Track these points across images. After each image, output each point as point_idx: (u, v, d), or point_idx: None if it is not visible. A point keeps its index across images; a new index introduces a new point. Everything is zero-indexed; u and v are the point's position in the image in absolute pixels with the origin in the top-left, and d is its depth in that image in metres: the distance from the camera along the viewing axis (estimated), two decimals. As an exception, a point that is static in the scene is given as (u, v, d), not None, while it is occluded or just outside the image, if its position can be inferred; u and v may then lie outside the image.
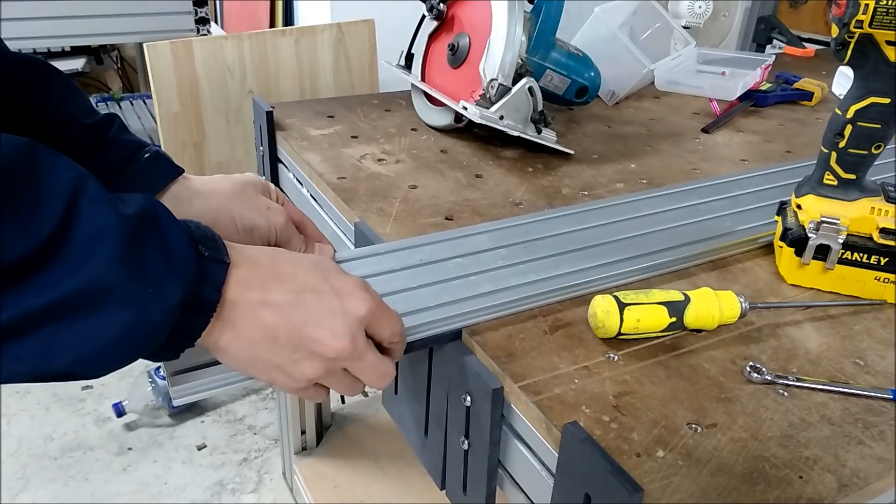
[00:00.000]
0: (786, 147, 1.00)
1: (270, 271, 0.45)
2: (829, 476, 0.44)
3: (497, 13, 0.87)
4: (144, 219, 0.39)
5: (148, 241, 0.39)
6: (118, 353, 0.39)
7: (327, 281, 0.46)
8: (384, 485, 1.31)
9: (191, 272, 0.40)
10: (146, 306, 0.38)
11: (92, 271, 0.36)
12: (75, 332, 0.37)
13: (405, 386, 0.66)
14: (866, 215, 0.62)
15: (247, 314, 0.43)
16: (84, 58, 2.33)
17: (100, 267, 0.36)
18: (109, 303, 0.37)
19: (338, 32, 1.47)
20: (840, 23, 0.57)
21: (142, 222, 0.39)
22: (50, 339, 0.36)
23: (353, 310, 0.45)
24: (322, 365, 0.45)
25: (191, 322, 0.41)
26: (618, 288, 0.62)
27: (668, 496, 0.42)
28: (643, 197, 0.78)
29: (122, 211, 0.38)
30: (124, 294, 0.37)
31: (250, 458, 1.54)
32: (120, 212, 0.38)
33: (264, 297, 0.44)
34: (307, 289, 0.45)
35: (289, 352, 0.44)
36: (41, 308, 0.35)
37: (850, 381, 0.53)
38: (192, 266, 0.40)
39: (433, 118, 0.99)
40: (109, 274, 0.37)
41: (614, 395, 0.49)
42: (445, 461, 0.60)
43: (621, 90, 1.14)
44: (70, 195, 0.37)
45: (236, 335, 0.43)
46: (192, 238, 0.42)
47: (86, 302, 0.36)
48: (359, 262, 0.63)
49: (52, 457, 1.51)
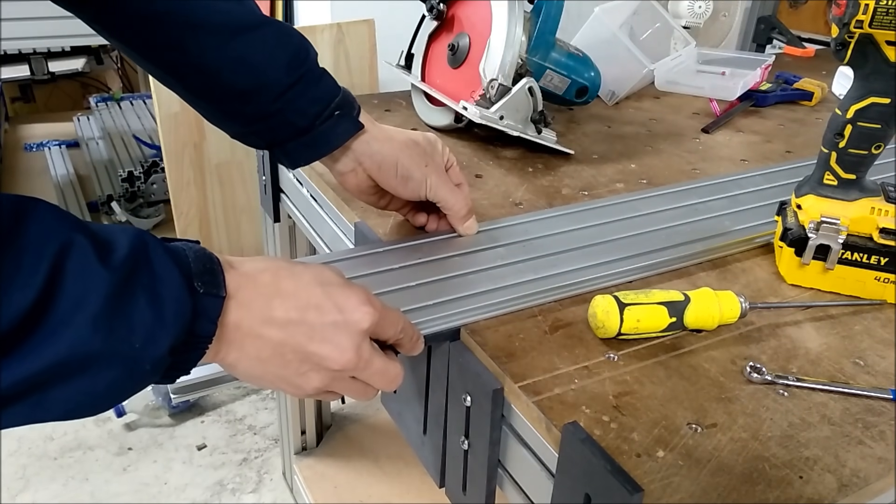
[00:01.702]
0: (786, 147, 1.00)
1: (272, 289, 0.45)
2: (829, 476, 0.44)
3: (497, 13, 0.87)
4: (134, 265, 0.38)
5: (137, 290, 0.38)
6: (109, 402, 0.39)
7: (329, 297, 0.46)
8: (384, 485, 1.31)
9: (183, 314, 0.40)
10: (134, 361, 0.38)
11: (75, 338, 0.35)
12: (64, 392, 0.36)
13: (404, 385, 0.66)
14: (866, 215, 0.62)
15: (252, 335, 0.44)
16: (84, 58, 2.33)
17: (84, 333, 0.36)
18: (96, 366, 0.37)
19: (338, 32, 1.47)
20: (840, 23, 0.57)
21: (131, 269, 0.38)
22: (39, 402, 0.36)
23: (357, 322, 0.46)
24: (329, 375, 0.46)
25: (185, 357, 0.41)
26: (617, 287, 0.61)
27: (668, 496, 0.42)
28: (643, 196, 0.78)
29: (110, 262, 0.37)
30: (110, 356, 0.37)
31: (250, 458, 1.54)
32: (107, 265, 0.37)
33: (268, 315, 0.44)
34: (310, 306, 0.45)
35: (296, 365, 0.45)
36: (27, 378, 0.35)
37: (850, 381, 0.53)
38: (184, 307, 0.40)
39: (433, 118, 0.99)
40: (95, 339, 0.36)
41: (614, 396, 0.49)
42: (445, 460, 0.60)
43: (621, 90, 1.14)
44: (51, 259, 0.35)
45: (243, 354, 0.44)
46: (186, 275, 0.41)
47: (72, 368, 0.36)
48: (358, 260, 0.63)
49: (52, 457, 1.51)
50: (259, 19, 0.60)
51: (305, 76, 0.61)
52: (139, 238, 0.40)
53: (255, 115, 0.62)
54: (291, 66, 0.61)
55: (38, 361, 0.35)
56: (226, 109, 0.63)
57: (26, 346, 0.34)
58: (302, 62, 0.61)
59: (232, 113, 0.63)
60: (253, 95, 0.60)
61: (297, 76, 0.61)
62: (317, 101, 0.62)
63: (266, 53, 0.60)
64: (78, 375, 0.36)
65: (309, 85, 0.62)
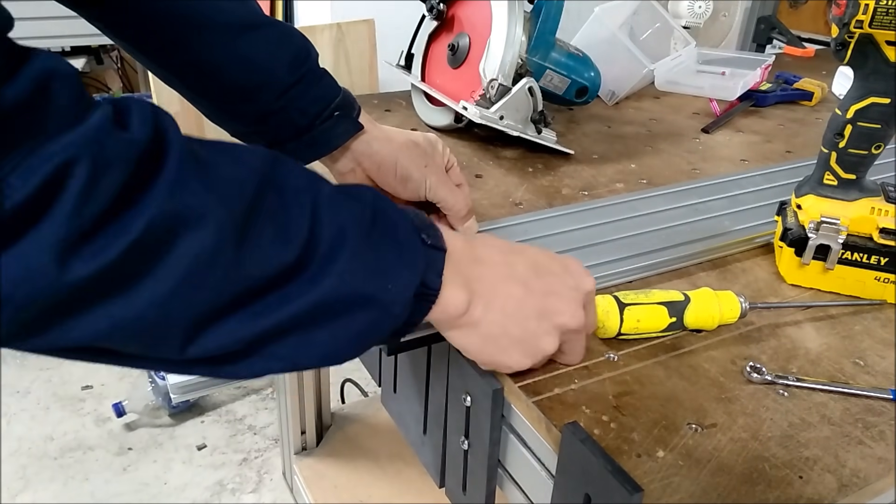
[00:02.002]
0: (786, 147, 1.00)
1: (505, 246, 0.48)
2: (829, 476, 0.44)
3: (497, 13, 0.87)
4: (374, 213, 0.41)
5: (381, 235, 0.40)
6: (359, 347, 0.41)
7: (556, 260, 0.50)
8: (384, 485, 1.31)
9: (418, 262, 0.42)
10: (386, 304, 0.40)
11: (338, 276, 0.37)
12: (326, 333, 0.38)
13: (404, 384, 0.66)
14: (866, 215, 0.62)
15: (497, 289, 0.46)
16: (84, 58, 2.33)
17: (345, 269, 0.38)
18: (356, 303, 0.39)
19: (338, 32, 1.47)
20: (840, 23, 0.57)
21: (373, 217, 0.40)
22: (303, 342, 0.38)
23: (585, 285, 0.49)
24: (557, 339, 0.48)
25: (418, 307, 0.43)
26: (617, 287, 0.61)
27: (668, 496, 0.42)
28: (643, 196, 0.79)
29: (355, 209, 0.40)
30: (367, 297, 0.39)
31: (250, 458, 1.54)
32: (354, 211, 0.40)
33: (510, 272, 0.46)
34: (542, 267, 0.48)
35: (535, 323, 0.47)
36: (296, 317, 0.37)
37: (850, 381, 0.53)
38: (419, 256, 0.42)
39: (433, 118, 0.99)
40: (355, 276, 0.38)
41: (614, 396, 0.49)
42: (445, 460, 0.60)
43: (621, 90, 1.14)
44: (312, 201, 0.38)
45: (490, 308, 0.45)
46: (415, 227, 0.43)
47: (335, 305, 0.38)
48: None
49: (52, 457, 1.51)
50: (262, 18, 0.60)
51: (307, 76, 0.62)
52: (372, 192, 0.42)
53: (256, 114, 0.62)
54: (293, 66, 0.61)
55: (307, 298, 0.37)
56: (228, 108, 0.63)
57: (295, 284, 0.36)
58: (303, 62, 0.62)
59: (234, 112, 0.63)
60: (255, 94, 0.60)
61: (298, 75, 0.61)
62: (317, 100, 0.62)
63: (269, 52, 0.60)
64: (341, 314, 0.38)
65: (310, 85, 0.62)
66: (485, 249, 0.47)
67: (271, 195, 0.36)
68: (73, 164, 0.29)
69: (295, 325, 0.37)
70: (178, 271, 0.32)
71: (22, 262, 0.28)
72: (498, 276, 0.46)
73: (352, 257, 0.38)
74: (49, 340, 0.32)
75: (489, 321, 0.46)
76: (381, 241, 0.40)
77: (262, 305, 0.36)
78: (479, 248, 0.47)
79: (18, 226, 0.28)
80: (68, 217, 0.29)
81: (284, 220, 0.36)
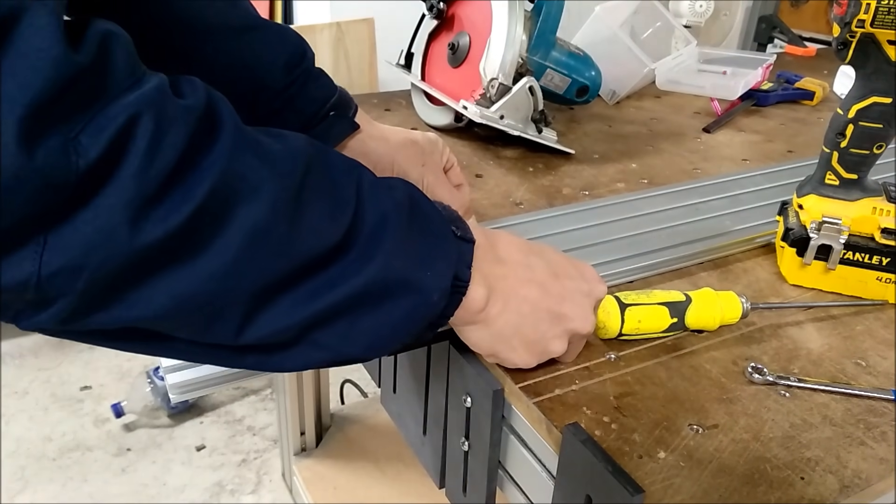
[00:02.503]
0: (787, 147, 1.00)
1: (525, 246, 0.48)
2: (830, 477, 0.44)
3: (497, 12, 0.87)
4: (411, 203, 0.41)
5: (417, 225, 0.40)
6: (402, 336, 0.41)
7: (573, 266, 0.50)
8: (384, 486, 1.31)
9: (451, 253, 0.42)
10: (427, 289, 0.40)
11: (382, 259, 0.38)
12: (371, 319, 0.39)
13: (403, 385, 0.66)
14: (868, 215, 0.62)
15: (515, 290, 0.46)
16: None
17: (387, 253, 0.38)
18: (399, 289, 0.39)
19: (337, 31, 1.47)
20: (841, 22, 0.57)
21: (410, 206, 0.41)
22: (349, 328, 0.38)
23: (598, 292, 0.50)
24: (566, 342, 0.49)
25: (451, 299, 0.42)
26: (618, 287, 0.61)
27: (669, 497, 0.41)
28: (644, 196, 0.78)
29: (395, 196, 0.40)
30: (408, 282, 0.39)
31: (249, 458, 1.53)
32: (394, 198, 0.40)
33: (529, 275, 0.47)
34: (560, 271, 0.48)
35: (547, 326, 0.47)
36: (344, 300, 0.37)
37: (851, 381, 0.52)
38: (451, 246, 0.42)
39: (433, 118, 0.98)
40: (397, 261, 0.38)
41: (615, 396, 0.49)
42: (445, 461, 0.60)
43: (622, 89, 1.14)
44: (356, 184, 0.38)
45: (507, 307, 0.46)
46: (447, 219, 0.43)
47: (379, 290, 0.38)
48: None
49: (51, 457, 1.51)
50: (257, 20, 0.60)
51: (302, 76, 0.62)
52: (406, 183, 0.42)
53: (255, 116, 0.62)
54: (289, 67, 0.61)
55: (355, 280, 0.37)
56: None
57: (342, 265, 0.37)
58: (299, 62, 0.62)
59: None
60: (252, 96, 0.60)
61: (294, 77, 0.61)
62: (313, 101, 0.62)
63: (265, 54, 0.60)
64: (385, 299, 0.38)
65: (305, 86, 0.62)
66: (505, 248, 0.47)
67: (318, 175, 0.37)
68: (138, 122, 0.29)
69: (343, 309, 0.37)
70: (236, 242, 0.33)
71: (95, 224, 0.29)
72: (518, 276, 0.46)
73: (394, 242, 0.38)
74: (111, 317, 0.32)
75: (504, 321, 0.46)
76: (419, 230, 0.40)
77: (313, 286, 0.36)
78: (500, 246, 0.47)
79: (91, 186, 0.29)
80: (137, 175, 0.29)
81: (332, 200, 0.37)
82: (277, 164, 0.35)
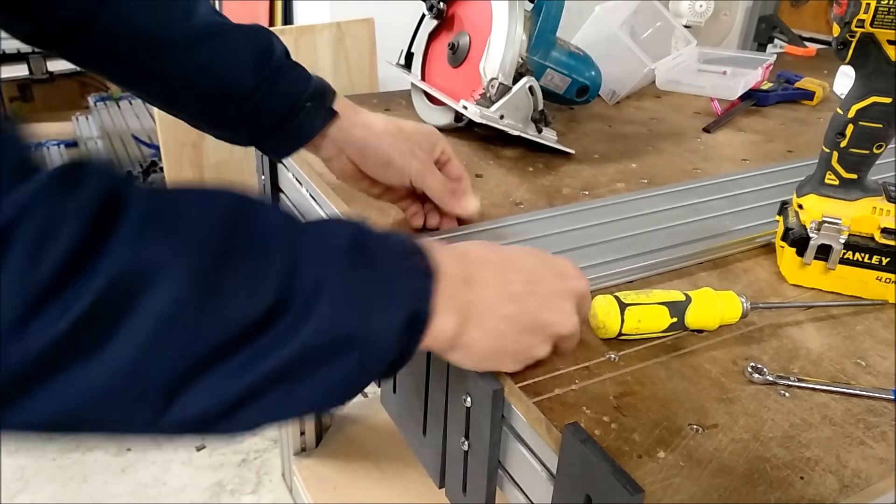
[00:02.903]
0: (787, 146, 1.00)
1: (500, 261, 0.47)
2: (830, 477, 0.44)
3: (497, 12, 0.87)
4: (354, 248, 0.38)
5: (363, 271, 0.38)
6: (348, 392, 0.39)
7: (547, 265, 0.49)
8: (384, 486, 1.30)
9: (406, 291, 0.40)
10: (374, 339, 0.38)
11: (317, 321, 0.35)
12: (310, 384, 0.36)
13: (403, 385, 0.66)
14: (868, 215, 0.62)
15: (490, 309, 0.45)
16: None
17: (324, 313, 0.35)
18: (341, 346, 0.36)
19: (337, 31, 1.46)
20: (841, 22, 0.57)
21: (354, 253, 0.38)
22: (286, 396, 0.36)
23: (578, 288, 0.49)
24: (551, 346, 0.48)
25: (408, 341, 0.41)
26: (618, 287, 0.61)
27: (669, 497, 0.41)
28: (644, 196, 0.78)
29: (336, 245, 0.38)
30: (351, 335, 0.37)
31: (249, 458, 1.53)
32: (334, 248, 0.37)
33: (504, 291, 0.45)
34: (535, 276, 0.47)
35: (529, 338, 0.47)
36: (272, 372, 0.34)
37: (851, 381, 0.52)
38: (405, 285, 0.40)
39: (433, 117, 0.98)
40: (337, 317, 0.36)
41: (615, 396, 0.49)
42: (445, 461, 0.60)
43: (622, 89, 1.14)
44: (287, 243, 0.36)
45: (482, 330, 0.45)
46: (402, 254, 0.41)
47: (317, 353, 0.36)
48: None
49: (51, 458, 1.51)
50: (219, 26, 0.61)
51: (273, 74, 0.62)
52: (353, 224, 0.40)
53: (230, 118, 0.63)
54: (257, 67, 0.61)
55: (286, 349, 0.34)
56: (204, 117, 0.64)
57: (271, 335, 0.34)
58: (267, 60, 0.62)
59: (210, 120, 0.64)
60: (225, 101, 0.61)
61: (264, 76, 0.61)
62: (287, 96, 0.63)
63: (231, 57, 0.61)
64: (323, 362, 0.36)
65: (277, 83, 0.62)
66: (478, 267, 0.45)
67: (245, 238, 0.35)
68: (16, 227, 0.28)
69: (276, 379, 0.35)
70: (143, 332, 0.31)
71: None
72: (492, 297, 0.45)
73: (332, 299, 0.36)
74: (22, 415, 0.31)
75: (483, 344, 0.45)
76: (366, 277, 0.38)
77: (239, 361, 0.34)
78: (472, 266, 0.45)
79: None
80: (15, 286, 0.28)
81: (260, 264, 0.34)
82: (193, 236, 0.33)
